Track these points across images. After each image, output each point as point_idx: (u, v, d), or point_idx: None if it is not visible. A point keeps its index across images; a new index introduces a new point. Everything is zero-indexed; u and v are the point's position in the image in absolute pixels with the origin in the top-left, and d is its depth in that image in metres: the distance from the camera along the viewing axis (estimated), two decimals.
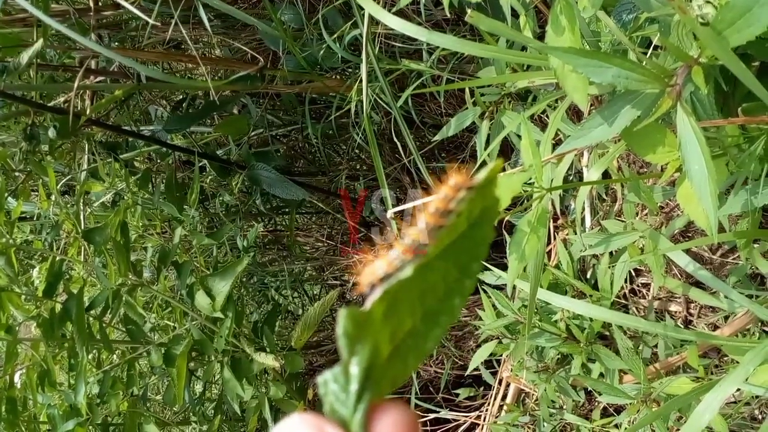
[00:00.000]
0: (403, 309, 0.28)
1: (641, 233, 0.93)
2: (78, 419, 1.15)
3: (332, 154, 1.99)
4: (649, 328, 0.93)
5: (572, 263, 1.16)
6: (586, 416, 1.23)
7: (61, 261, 1.20)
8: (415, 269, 0.27)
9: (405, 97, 1.18)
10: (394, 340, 0.28)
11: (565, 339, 1.12)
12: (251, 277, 2.11)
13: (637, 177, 0.86)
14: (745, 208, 0.69)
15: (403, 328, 0.28)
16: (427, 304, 0.29)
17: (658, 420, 0.87)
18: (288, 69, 1.42)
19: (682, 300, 1.15)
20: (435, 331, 0.29)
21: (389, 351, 0.28)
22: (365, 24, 0.91)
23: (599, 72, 0.56)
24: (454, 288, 0.29)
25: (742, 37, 0.52)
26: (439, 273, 0.29)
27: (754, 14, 0.51)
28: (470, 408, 1.56)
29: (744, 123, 0.65)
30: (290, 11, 1.34)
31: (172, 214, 1.40)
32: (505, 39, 0.99)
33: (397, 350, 0.28)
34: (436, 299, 0.29)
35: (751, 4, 0.51)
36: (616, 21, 0.78)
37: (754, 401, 0.98)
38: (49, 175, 1.19)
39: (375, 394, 0.26)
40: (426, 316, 0.29)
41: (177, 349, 1.23)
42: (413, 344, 0.28)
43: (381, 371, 0.27)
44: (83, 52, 1.32)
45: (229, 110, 1.72)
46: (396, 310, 0.28)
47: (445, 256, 0.29)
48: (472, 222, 0.29)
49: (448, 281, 0.29)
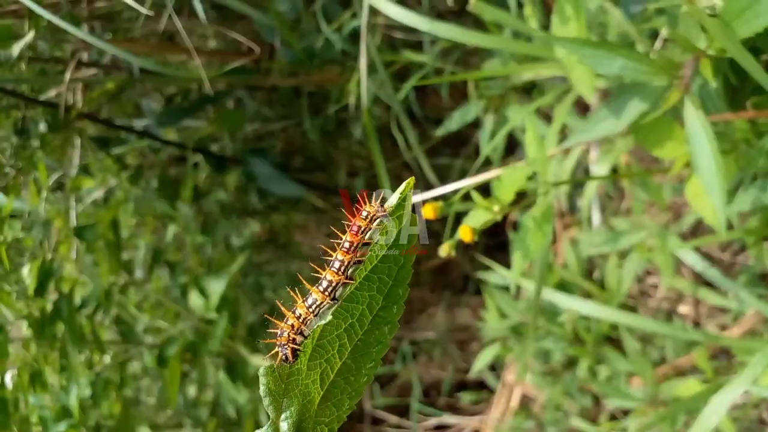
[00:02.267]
0: (329, 349, 0.29)
1: (649, 231, 0.94)
2: (70, 421, 1.16)
3: (331, 149, 1.99)
4: (658, 329, 0.94)
5: (579, 262, 1.17)
6: (593, 420, 1.24)
7: (52, 259, 1.21)
8: (335, 308, 0.29)
9: (406, 91, 1.18)
10: (324, 383, 0.29)
11: (572, 341, 1.13)
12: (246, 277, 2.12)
13: (645, 172, 0.87)
14: (754, 204, 0.70)
15: (333, 368, 0.29)
16: (354, 338, 0.29)
17: (666, 422, 0.88)
18: (285, 61, 1.42)
19: (690, 300, 1.16)
20: (367, 365, 0.30)
21: (320, 396, 0.29)
22: (364, 13, 0.92)
23: (606, 63, 0.57)
24: (382, 316, 0.30)
25: (751, 28, 0.53)
26: (363, 304, 0.30)
27: (762, 5, 0.52)
28: (474, 412, 1.57)
29: (753, 117, 0.66)
30: (286, 1, 1.35)
31: (165, 211, 1.41)
32: (510, 30, 1.00)
33: (329, 393, 0.29)
34: (363, 331, 0.30)
35: None
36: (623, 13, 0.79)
37: (763, 403, 0.99)
38: (40, 171, 1.20)
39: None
40: (356, 351, 0.29)
41: (170, 351, 1.24)
42: (345, 383, 0.29)
43: (313, 420, 0.28)
44: (75, 44, 1.33)
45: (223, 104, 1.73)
46: (322, 352, 0.29)
47: (367, 286, 0.30)
48: (390, 245, 0.31)
49: (373, 310, 0.30)
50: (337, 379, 0.29)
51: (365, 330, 0.30)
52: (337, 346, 0.29)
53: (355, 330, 0.29)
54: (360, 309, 0.30)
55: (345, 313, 0.29)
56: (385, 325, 0.30)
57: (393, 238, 0.30)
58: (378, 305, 0.30)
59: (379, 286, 0.30)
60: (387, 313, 0.30)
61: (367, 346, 0.29)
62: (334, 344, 0.29)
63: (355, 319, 0.29)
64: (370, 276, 0.30)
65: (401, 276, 0.30)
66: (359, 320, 0.29)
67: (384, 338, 0.30)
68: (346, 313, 0.29)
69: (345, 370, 0.29)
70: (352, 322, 0.29)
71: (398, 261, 0.30)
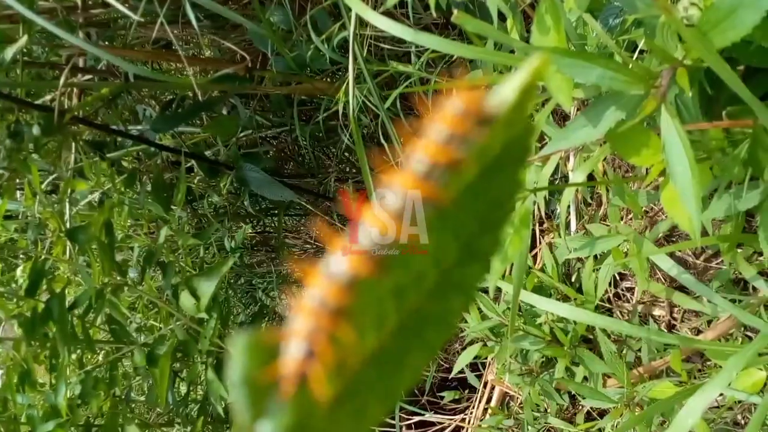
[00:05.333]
0: (362, 321, 0.16)
1: (625, 237, 0.92)
2: (58, 420, 1.13)
3: (321, 156, 1.97)
4: (633, 331, 0.92)
5: (557, 266, 1.15)
6: (570, 420, 1.22)
7: (45, 259, 1.18)
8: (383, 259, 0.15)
9: (392, 99, 1.16)
10: (346, 371, 0.16)
11: (549, 342, 1.11)
12: (239, 279, 2.09)
13: (621, 180, 0.85)
14: (728, 212, 0.68)
15: (362, 350, 0.16)
16: (405, 309, 0.16)
17: (641, 424, 0.86)
18: (277, 70, 1.40)
19: (665, 304, 1.14)
20: (419, 353, 0.16)
21: (335, 394, 0.15)
22: (352, 24, 0.90)
23: (584, 72, 0.55)
24: (456, 277, 0.17)
25: (727, 38, 0.51)
26: (430, 256, 0.16)
27: (738, 16, 0.50)
28: (455, 411, 1.55)
29: (728, 126, 0.64)
30: (279, 12, 1.33)
31: (159, 214, 1.38)
32: (493, 42, 0.99)
33: (349, 393, 0.16)
34: (423, 297, 0.17)
35: (736, 5, 0.51)
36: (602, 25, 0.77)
37: (736, 406, 0.98)
38: (33, 173, 1.17)
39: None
40: (403, 329, 0.16)
41: (160, 350, 1.21)
42: (379, 376, 0.16)
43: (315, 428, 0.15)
44: (70, 50, 1.30)
45: (217, 111, 1.70)
46: (354, 315, 0.16)
47: (441, 226, 0.17)
48: (487, 166, 0.17)
49: (445, 265, 0.17)
50: (365, 370, 0.16)
51: (428, 295, 0.17)
52: (374, 319, 0.16)
53: (409, 295, 0.16)
54: (422, 264, 0.16)
55: (399, 268, 0.16)
56: (459, 293, 0.17)
57: (493, 151, 0.17)
58: (451, 259, 0.17)
59: (457, 228, 0.17)
60: (466, 272, 0.17)
61: (422, 324, 0.16)
62: (371, 315, 0.16)
63: (411, 278, 0.16)
64: (449, 211, 0.17)
65: (496, 217, 0.17)
66: (417, 281, 0.16)
67: (451, 314, 0.17)
68: (401, 269, 0.16)
69: (381, 359, 0.16)
70: (404, 284, 0.16)
71: (494, 191, 0.17)
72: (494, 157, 0.17)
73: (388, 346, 0.16)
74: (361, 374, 0.16)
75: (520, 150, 0.18)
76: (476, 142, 0.17)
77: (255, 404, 0.15)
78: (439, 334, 0.17)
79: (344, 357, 0.15)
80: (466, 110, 0.16)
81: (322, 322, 0.14)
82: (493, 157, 0.17)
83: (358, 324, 0.16)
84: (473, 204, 0.17)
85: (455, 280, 0.17)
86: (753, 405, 0.91)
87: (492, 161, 0.17)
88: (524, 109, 0.17)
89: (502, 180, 0.18)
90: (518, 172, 0.18)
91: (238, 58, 1.43)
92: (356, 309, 0.16)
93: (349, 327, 0.15)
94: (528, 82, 0.17)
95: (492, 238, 0.18)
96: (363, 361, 0.16)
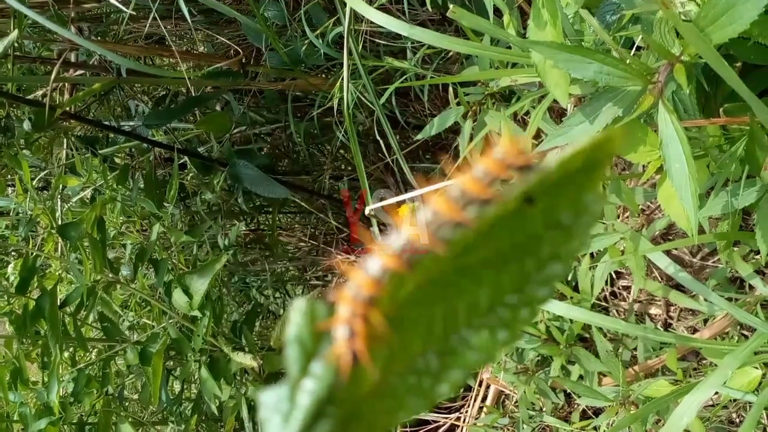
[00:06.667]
0: (414, 323, 0.18)
1: (622, 235, 0.92)
2: (50, 418, 1.12)
3: (316, 153, 1.97)
4: (629, 330, 0.92)
5: None
6: (566, 418, 1.22)
7: (36, 256, 1.17)
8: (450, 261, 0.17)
9: (388, 94, 1.16)
10: (391, 367, 0.18)
11: (545, 341, 1.11)
12: (232, 277, 2.08)
13: (618, 177, 0.85)
14: (725, 209, 0.68)
15: (410, 353, 0.18)
16: (453, 327, 0.18)
17: (637, 422, 0.86)
18: (271, 66, 1.40)
19: (662, 303, 1.15)
20: (456, 371, 0.18)
21: (376, 382, 0.17)
22: (347, 19, 0.89)
23: (581, 67, 0.55)
24: (505, 311, 0.18)
25: (725, 34, 0.51)
26: (485, 280, 0.18)
27: (737, 11, 0.50)
28: (450, 409, 1.55)
29: (725, 123, 0.64)
30: (274, 7, 1.32)
31: (151, 211, 1.38)
32: (489, 38, 0.98)
33: (390, 385, 0.18)
34: (471, 320, 0.18)
35: (734, 1, 0.50)
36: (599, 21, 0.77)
37: (731, 404, 0.98)
38: (24, 169, 1.16)
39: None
40: (446, 348, 0.18)
41: (153, 348, 1.20)
42: (417, 381, 0.18)
43: (354, 403, 0.17)
44: (62, 45, 1.29)
45: (210, 107, 1.69)
46: (404, 323, 0.17)
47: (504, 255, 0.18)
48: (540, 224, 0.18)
49: (499, 294, 0.18)
50: (407, 371, 0.18)
51: (480, 315, 0.18)
52: (424, 327, 0.18)
53: (459, 315, 0.18)
54: (475, 288, 0.18)
55: (456, 283, 0.18)
56: (506, 327, 0.18)
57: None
58: (505, 291, 0.18)
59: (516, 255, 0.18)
60: (514, 311, 0.18)
61: (464, 346, 0.18)
62: (422, 320, 0.18)
63: (465, 299, 0.18)
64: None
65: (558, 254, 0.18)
66: (472, 306, 0.18)
67: (498, 344, 0.18)
68: (456, 286, 0.18)
69: (422, 367, 0.18)
70: (454, 305, 0.18)
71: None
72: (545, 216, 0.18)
73: (430, 355, 0.18)
74: (405, 372, 0.18)
75: (580, 216, 0.18)
76: (515, 186, 0.17)
77: (304, 362, 0.17)
78: (474, 360, 0.18)
79: (379, 340, 0.17)
80: (506, 157, 0.17)
81: (358, 309, 0.17)
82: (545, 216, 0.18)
83: (406, 328, 0.18)
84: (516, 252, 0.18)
85: (501, 315, 0.18)
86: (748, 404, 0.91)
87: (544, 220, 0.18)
88: (588, 178, 0.17)
89: (556, 241, 0.18)
90: (575, 239, 0.18)
91: (232, 54, 1.42)
92: (407, 315, 0.18)
93: (378, 314, 0.17)
94: (595, 153, 0.17)
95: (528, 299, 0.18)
96: (408, 362, 0.18)
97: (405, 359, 0.18)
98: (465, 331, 0.18)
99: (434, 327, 0.18)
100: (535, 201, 0.17)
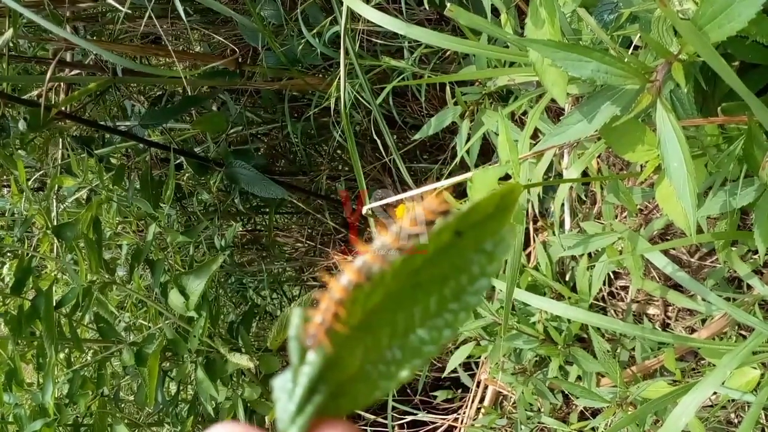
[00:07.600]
0: (382, 325, 0.24)
1: (620, 235, 0.92)
2: (46, 419, 1.12)
3: (313, 153, 1.96)
4: (627, 330, 0.92)
5: (551, 265, 1.15)
6: (564, 419, 1.22)
7: (31, 257, 1.17)
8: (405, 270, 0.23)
9: (385, 94, 1.16)
10: (366, 358, 0.24)
11: (543, 341, 1.11)
12: (229, 277, 2.08)
13: (615, 176, 0.85)
14: (723, 209, 0.68)
15: (379, 347, 0.24)
16: (410, 328, 0.24)
17: (634, 423, 0.85)
18: (267, 65, 1.39)
19: (659, 303, 1.15)
20: (412, 362, 0.24)
21: (356, 368, 0.24)
22: (344, 18, 0.89)
23: (578, 66, 0.54)
24: (448, 309, 0.24)
25: (723, 32, 0.51)
26: (434, 286, 0.24)
27: (734, 9, 0.50)
28: (448, 410, 1.55)
29: (723, 123, 0.64)
30: (270, 6, 1.32)
31: (147, 211, 1.37)
32: (487, 37, 0.98)
33: (364, 371, 0.24)
34: (425, 320, 0.24)
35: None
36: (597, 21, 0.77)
37: (730, 405, 0.98)
38: (19, 170, 1.16)
39: (326, 407, 0.23)
40: (406, 343, 0.24)
41: (149, 349, 1.20)
42: (386, 365, 0.24)
43: (340, 384, 0.24)
44: (57, 44, 1.29)
45: (207, 107, 1.69)
46: (375, 325, 0.24)
47: (447, 260, 0.24)
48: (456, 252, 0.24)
49: (444, 296, 0.24)
50: (377, 360, 0.24)
51: (430, 315, 0.24)
52: (389, 326, 0.24)
53: (416, 314, 0.24)
54: (430, 291, 0.24)
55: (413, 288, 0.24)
56: (446, 325, 0.24)
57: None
58: (450, 294, 0.24)
59: (460, 263, 0.24)
60: (457, 308, 0.24)
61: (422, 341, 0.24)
62: (387, 320, 0.24)
63: (419, 301, 0.24)
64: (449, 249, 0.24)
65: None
66: (425, 306, 0.24)
67: (445, 331, 0.24)
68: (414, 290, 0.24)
69: (390, 354, 0.24)
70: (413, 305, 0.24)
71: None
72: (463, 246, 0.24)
73: (395, 349, 0.24)
74: (377, 362, 0.24)
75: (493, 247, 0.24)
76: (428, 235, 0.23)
77: (301, 354, 0.23)
78: (427, 351, 0.24)
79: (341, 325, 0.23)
80: (431, 206, 0.24)
81: (330, 305, 0.23)
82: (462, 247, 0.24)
83: (376, 329, 0.24)
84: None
85: (451, 309, 0.24)
86: (747, 403, 0.91)
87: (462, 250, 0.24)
88: (502, 216, 0.24)
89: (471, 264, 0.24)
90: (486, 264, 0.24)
91: (229, 53, 1.42)
92: (377, 319, 0.24)
93: (342, 309, 0.23)
94: (504, 200, 0.24)
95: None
96: (379, 354, 0.24)
97: (376, 352, 0.24)
98: (420, 330, 0.24)
99: (397, 327, 0.24)
100: (463, 234, 0.24)
